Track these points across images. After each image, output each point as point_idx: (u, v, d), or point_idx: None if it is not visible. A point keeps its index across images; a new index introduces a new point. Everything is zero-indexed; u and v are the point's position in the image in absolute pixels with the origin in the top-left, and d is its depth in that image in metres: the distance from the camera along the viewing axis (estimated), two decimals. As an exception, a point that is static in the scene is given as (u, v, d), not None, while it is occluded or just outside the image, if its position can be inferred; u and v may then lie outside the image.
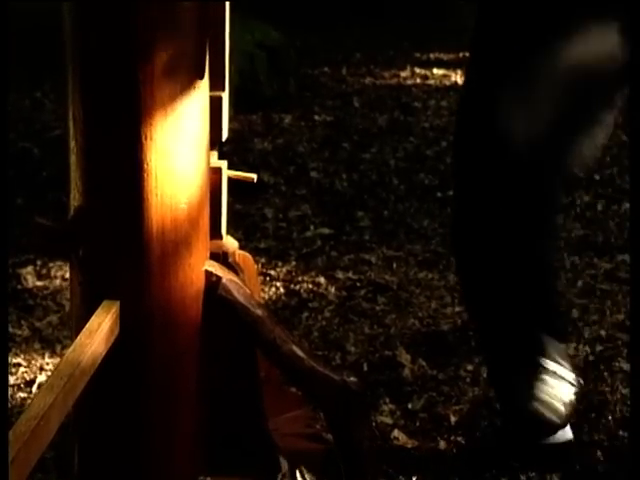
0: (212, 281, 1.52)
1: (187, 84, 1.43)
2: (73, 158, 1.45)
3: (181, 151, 1.45)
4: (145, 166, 1.42)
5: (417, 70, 5.05)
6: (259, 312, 1.54)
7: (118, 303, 1.43)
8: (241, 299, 1.53)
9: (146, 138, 1.41)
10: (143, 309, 1.45)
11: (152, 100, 1.40)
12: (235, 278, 1.56)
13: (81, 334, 1.37)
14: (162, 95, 1.40)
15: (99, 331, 1.37)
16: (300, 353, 1.54)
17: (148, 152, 1.42)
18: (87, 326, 1.38)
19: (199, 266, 1.51)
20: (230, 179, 1.74)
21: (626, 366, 2.42)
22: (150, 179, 1.42)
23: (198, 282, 1.51)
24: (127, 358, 1.46)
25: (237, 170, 1.79)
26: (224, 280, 1.53)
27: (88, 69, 1.41)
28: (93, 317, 1.40)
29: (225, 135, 1.69)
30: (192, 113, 1.45)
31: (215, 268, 1.53)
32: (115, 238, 1.44)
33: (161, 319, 1.46)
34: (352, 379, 1.56)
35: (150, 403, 1.49)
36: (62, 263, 2.90)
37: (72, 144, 1.44)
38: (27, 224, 3.12)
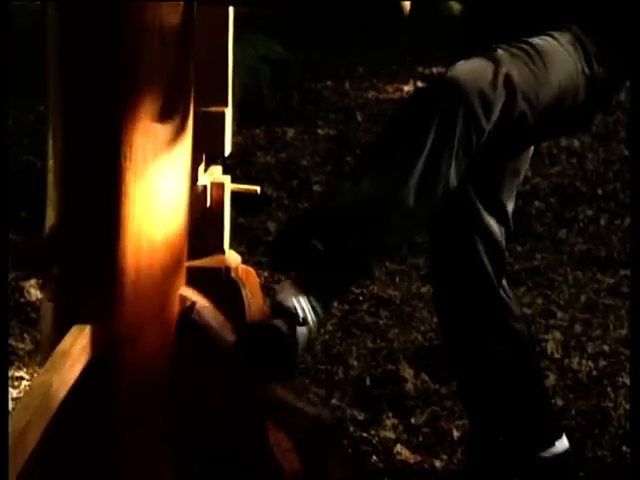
0: (186, 306, 1.50)
1: (170, 102, 1.41)
2: (50, 177, 1.43)
3: (161, 173, 1.42)
4: (123, 188, 1.39)
5: (420, 84, 5.06)
6: (232, 339, 1.51)
7: (89, 327, 1.40)
8: (214, 325, 1.51)
9: (125, 159, 1.39)
10: (115, 333, 1.42)
11: (133, 121, 1.38)
12: (209, 304, 1.53)
13: (53, 356, 1.34)
14: (143, 115, 1.38)
15: (70, 354, 1.34)
16: (268, 386, 1.52)
17: (127, 173, 1.39)
18: (58, 348, 1.36)
19: (174, 291, 1.48)
20: (234, 192, 1.74)
21: (629, 381, 2.42)
22: (128, 202, 1.39)
23: (172, 307, 1.48)
24: (98, 382, 1.43)
25: (238, 184, 1.80)
26: (198, 306, 1.50)
27: (68, 87, 1.40)
28: (64, 341, 1.37)
29: (228, 150, 1.70)
30: (175, 133, 1.43)
31: (190, 293, 1.51)
32: (89, 259, 1.41)
33: (133, 344, 1.43)
34: (325, 411, 1.54)
35: (121, 428, 1.47)
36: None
37: (50, 163, 1.43)
38: (29, 237, 3.12)
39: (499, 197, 1.92)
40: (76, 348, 1.36)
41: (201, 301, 1.51)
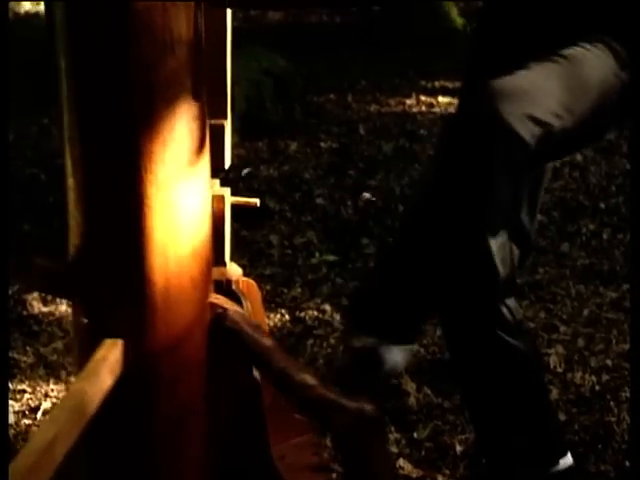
0: (218, 314, 1.51)
1: (186, 114, 1.42)
2: (71, 195, 1.43)
3: (182, 183, 1.43)
4: (146, 200, 1.40)
5: (422, 98, 5.07)
6: (268, 342, 1.53)
7: (121, 341, 1.41)
8: (249, 330, 1.53)
9: (146, 171, 1.39)
10: (148, 346, 1.43)
11: (151, 132, 1.38)
12: (240, 309, 1.55)
13: (85, 369, 1.35)
14: (161, 127, 1.39)
15: (102, 368, 1.35)
16: (311, 381, 1.52)
17: (148, 186, 1.40)
18: (90, 363, 1.36)
19: (204, 299, 1.49)
20: (235, 205, 1.74)
21: (630, 393, 2.41)
22: (151, 213, 1.40)
23: (203, 315, 1.49)
24: (130, 396, 1.43)
25: (241, 196, 1.79)
26: (230, 312, 1.52)
27: (84, 104, 1.40)
28: (96, 355, 1.38)
29: (228, 163, 1.69)
30: (192, 143, 1.44)
31: (220, 301, 1.52)
32: (117, 275, 1.42)
33: (166, 355, 1.44)
34: (368, 406, 1.53)
35: (155, 443, 1.47)
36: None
37: (70, 181, 1.43)
38: (33, 250, 3.12)
39: (521, 217, 1.92)
40: (109, 361, 1.36)
41: (232, 307, 1.52)
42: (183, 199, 1.43)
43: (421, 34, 5.86)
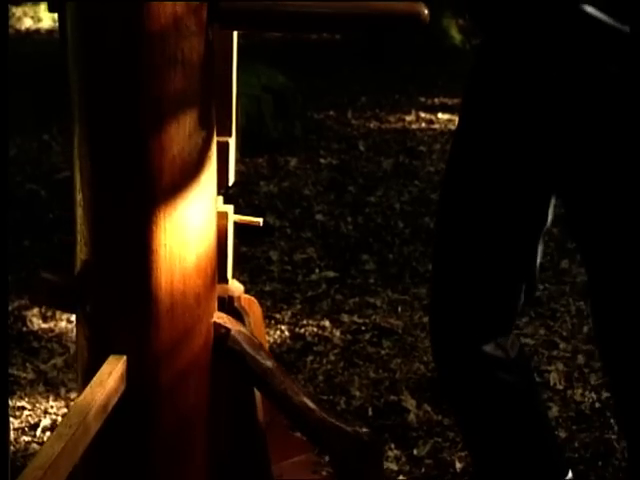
0: (221, 333, 1.51)
1: (194, 132, 1.43)
2: (79, 211, 1.44)
3: (189, 201, 1.44)
4: (153, 218, 1.40)
5: (422, 114, 5.08)
6: (269, 363, 1.53)
7: (125, 357, 1.41)
8: (250, 350, 1.52)
9: (154, 188, 1.40)
10: (151, 362, 1.44)
11: (159, 150, 1.39)
12: (243, 329, 1.55)
13: (89, 385, 1.35)
14: (170, 144, 1.40)
15: (107, 383, 1.36)
16: (311, 404, 1.52)
17: (156, 202, 1.41)
18: (95, 378, 1.37)
19: (208, 318, 1.49)
20: (236, 223, 1.74)
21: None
22: (158, 231, 1.41)
23: (207, 334, 1.49)
24: (134, 413, 1.44)
25: (242, 213, 1.80)
26: (233, 332, 1.52)
27: (94, 122, 1.41)
28: (100, 370, 1.38)
29: (232, 180, 1.70)
30: (199, 161, 1.45)
31: (224, 320, 1.52)
32: (123, 291, 1.42)
33: (169, 372, 1.45)
34: (364, 430, 1.54)
35: (157, 459, 1.47)
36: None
37: (79, 197, 1.43)
38: (32, 266, 3.12)
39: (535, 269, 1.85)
40: (113, 377, 1.37)
41: (235, 327, 1.52)
42: (190, 216, 1.44)
43: (420, 51, 5.88)
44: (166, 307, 1.42)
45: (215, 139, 1.51)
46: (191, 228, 1.44)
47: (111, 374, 1.37)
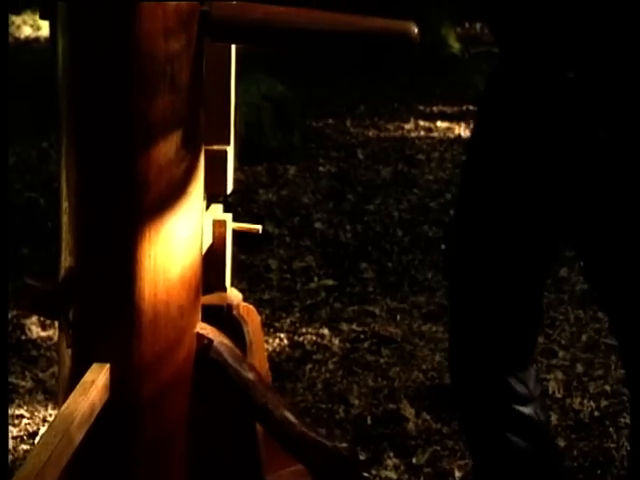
0: (203, 344, 1.50)
1: (182, 145, 1.42)
2: (65, 219, 1.44)
3: (175, 213, 1.43)
4: (138, 228, 1.40)
5: (421, 123, 5.09)
6: (250, 376, 1.52)
7: (108, 366, 1.41)
8: (232, 362, 1.52)
9: (139, 198, 1.40)
10: (133, 372, 1.43)
11: (146, 162, 1.39)
12: (226, 340, 1.54)
13: (73, 393, 1.35)
14: (156, 154, 1.40)
15: (90, 392, 1.35)
16: (292, 418, 1.52)
17: (141, 212, 1.40)
18: (78, 387, 1.36)
19: (191, 328, 1.49)
20: (235, 230, 1.74)
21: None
22: (143, 242, 1.40)
23: (190, 345, 1.48)
24: (117, 421, 1.43)
25: (241, 221, 1.80)
26: (215, 343, 1.51)
27: (82, 130, 1.41)
28: (84, 378, 1.38)
29: (230, 188, 1.70)
30: (187, 173, 1.44)
31: (207, 331, 1.52)
32: (106, 301, 1.42)
33: (152, 382, 1.44)
34: (344, 445, 1.55)
35: (139, 468, 1.47)
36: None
37: (65, 205, 1.43)
38: (31, 274, 3.12)
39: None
40: (96, 386, 1.37)
41: (218, 338, 1.52)
42: (176, 227, 1.43)
43: (419, 60, 5.88)
44: (149, 317, 1.42)
45: (203, 151, 1.51)
46: (177, 240, 1.43)
47: (94, 382, 1.37)
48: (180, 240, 1.44)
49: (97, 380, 1.37)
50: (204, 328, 1.51)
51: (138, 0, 1.34)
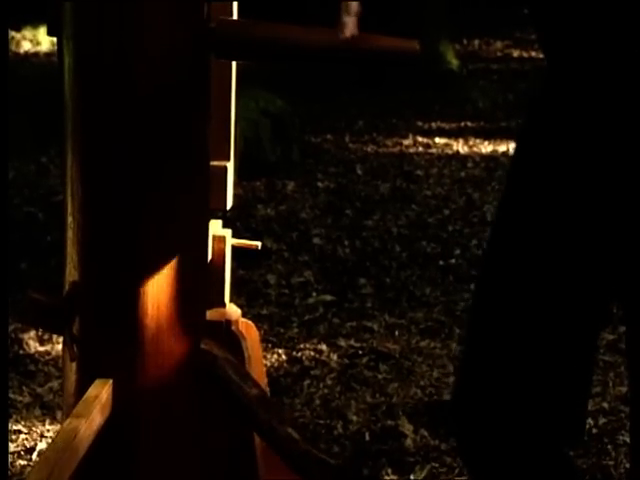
0: (207, 360, 1.51)
1: (188, 159, 1.44)
2: (70, 233, 1.44)
3: (180, 226, 1.44)
4: (142, 243, 1.41)
5: (419, 139, 5.10)
6: (254, 392, 1.52)
7: (111, 381, 1.41)
8: (237, 378, 1.52)
9: (144, 214, 1.40)
10: (137, 387, 1.43)
11: (151, 175, 1.40)
12: (230, 356, 1.54)
13: (76, 408, 1.35)
14: (162, 171, 1.41)
15: (93, 407, 1.36)
16: (295, 435, 1.52)
17: (145, 228, 1.41)
18: (81, 402, 1.37)
19: (195, 344, 1.49)
20: (234, 246, 1.74)
21: (630, 438, 2.41)
22: (148, 256, 1.41)
23: (193, 360, 1.49)
24: (119, 436, 1.44)
25: (240, 237, 1.80)
26: (220, 359, 1.51)
27: (87, 145, 1.41)
28: (87, 394, 1.38)
29: (230, 204, 1.70)
30: (192, 187, 1.45)
31: (211, 347, 1.52)
32: (110, 315, 1.43)
33: (155, 397, 1.44)
34: (347, 464, 1.54)
35: None
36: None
37: (69, 219, 1.44)
38: (30, 288, 3.12)
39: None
40: (99, 401, 1.37)
41: (222, 354, 1.52)
42: (180, 242, 1.44)
43: (417, 76, 5.90)
44: (153, 333, 1.42)
45: (209, 165, 1.52)
46: (181, 254, 1.44)
47: (97, 398, 1.37)
48: (184, 255, 1.44)
49: (100, 395, 1.37)
50: (208, 344, 1.51)
51: (144, 16, 1.35)
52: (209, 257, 1.69)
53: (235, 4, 1.60)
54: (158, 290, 1.42)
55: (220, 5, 1.52)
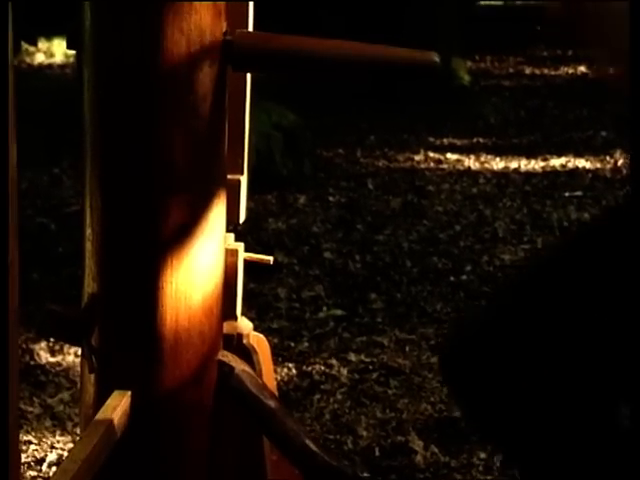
0: (225, 372, 1.51)
1: (205, 172, 1.44)
2: (88, 245, 1.45)
3: (197, 239, 1.45)
4: (161, 255, 1.41)
5: (431, 154, 5.10)
6: (272, 404, 1.53)
7: (129, 393, 1.42)
8: (254, 390, 1.52)
9: (163, 227, 1.41)
10: (155, 398, 1.44)
11: (169, 189, 1.41)
12: (248, 368, 1.55)
13: (94, 419, 1.36)
14: (179, 183, 1.41)
15: (111, 419, 1.36)
16: (313, 447, 1.52)
17: (164, 240, 1.41)
18: (99, 413, 1.37)
19: (212, 356, 1.50)
20: (246, 260, 1.75)
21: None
22: (165, 268, 1.42)
23: (211, 372, 1.49)
24: (137, 448, 1.44)
25: (251, 250, 1.80)
26: (237, 371, 1.52)
27: (106, 158, 1.42)
28: (105, 405, 1.39)
29: (243, 218, 1.71)
30: (209, 201, 1.46)
31: (228, 358, 1.53)
32: (128, 327, 1.43)
33: (172, 409, 1.45)
34: (365, 475, 1.54)
35: None
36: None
37: (88, 231, 1.45)
38: (41, 299, 3.13)
39: None
40: (117, 413, 1.37)
41: (239, 366, 1.52)
42: (197, 254, 1.44)
43: (429, 91, 5.91)
44: (171, 344, 1.43)
45: (226, 179, 1.52)
46: (198, 266, 1.45)
47: (115, 409, 1.38)
48: (202, 267, 1.45)
49: (118, 407, 1.38)
50: (225, 355, 1.52)
51: (164, 29, 1.35)
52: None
53: (251, 17, 1.61)
54: (177, 302, 1.43)
55: (236, 18, 1.52)
